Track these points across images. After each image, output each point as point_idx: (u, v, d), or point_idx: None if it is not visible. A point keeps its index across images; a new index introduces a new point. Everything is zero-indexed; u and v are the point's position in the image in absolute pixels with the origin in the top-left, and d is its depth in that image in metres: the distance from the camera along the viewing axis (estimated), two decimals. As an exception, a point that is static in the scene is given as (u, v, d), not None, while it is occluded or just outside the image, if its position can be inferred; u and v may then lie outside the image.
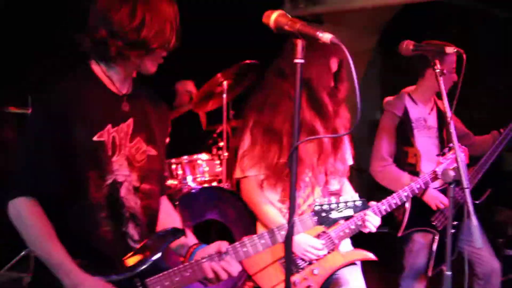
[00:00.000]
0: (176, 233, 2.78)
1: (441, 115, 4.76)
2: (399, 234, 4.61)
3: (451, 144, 3.17)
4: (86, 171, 2.58)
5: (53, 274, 2.52)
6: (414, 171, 4.58)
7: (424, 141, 4.68)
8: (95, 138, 2.59)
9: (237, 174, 3.61)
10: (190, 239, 2.93)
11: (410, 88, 4.85)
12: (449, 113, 3.17)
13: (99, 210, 2.62)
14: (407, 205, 4.54)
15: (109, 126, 2.64)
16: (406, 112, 4.68)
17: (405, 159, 4.68)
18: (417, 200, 4.53)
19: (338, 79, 3.58)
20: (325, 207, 2.81)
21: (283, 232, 2.81)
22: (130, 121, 2.71)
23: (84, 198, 2.59)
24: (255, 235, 2.81)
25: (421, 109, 4.74)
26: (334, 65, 3.52)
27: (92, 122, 2.59)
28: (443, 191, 4.48)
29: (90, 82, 2.65)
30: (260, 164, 3.51)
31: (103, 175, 2.61)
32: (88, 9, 2.59)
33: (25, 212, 2.53)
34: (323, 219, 2.83)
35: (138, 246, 2.72)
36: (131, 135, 2.72)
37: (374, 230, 3.52)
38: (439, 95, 4.21)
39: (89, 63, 2.67)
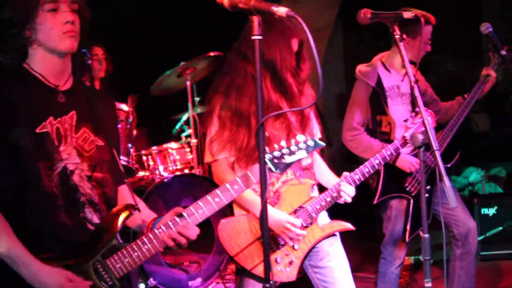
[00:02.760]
0: (129, 209, 2.79)
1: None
2: (375, 202, 4.65)
3: (417, 109, 3.18)
4: (35, 162, 2.62)
5: (15, 273, 2.54)
6: (388, 140, 4.60)
7: (398, 109, 4.70)
8: (38, 130, 2.64)
9: (207, 158, 3.60)
10: (149, 215, 2.97)
11: (383, 54, 4.86)
12: (412, 78, 3.17)
13: (55, 198, 2.66)
14: (381, 172, 4.58)
15: (51, 118, 2.69)
16: (379, 82, 4.68)
17: (379, 128, 4.70)
18: (390, 167, 4.56)
19: (300, 58, 3.57)
20: (276, 153, 2.81)
21: (236, 187, 2.82)
22: (73, 113, 2.77)
23: (38, 189, 2.63)
24: (208, 195, 2.82)
25: (394, 76, 4.75)
26: (295, 45, 3.51)
27: (32, 116, 2.65)
28: (416, 155, 4.51)
29: (25, 80, 2.71)
30: (230, 147, 3.50)
31: (51, 164, 2.66)
32: None
33: None
34: (277, 165, 2.82)
35: (94, 228, 2.75)
36: (76, 126, 2.77)
37: (349, 200, 3.55)
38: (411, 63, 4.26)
39: (22, 64, 2.74)
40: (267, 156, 2.81)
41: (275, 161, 2.82)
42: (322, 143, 2.92)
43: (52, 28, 2.65)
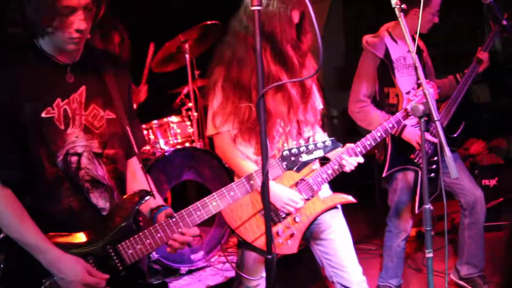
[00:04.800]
0: (144, 195, 2.78)
1: (419, 52, 4.75)
2: (384, 175, 4.65)
3: (419, 81, 3.15)
4: (38, 149, 2.58)
5: (25, 255, 2.54)
6: (395, 112, 4.54)
7: (405, 80, 4.66)
8: (43, 115, 2.59)
9: (210, 131, 3.59)
10: (157, 201, 2.95)
11: (389, 25, 4.81)
12: (413, 48, 3.14)
13: (60, 183, 2.64)
14: (389, 145, 4.57)
15: (58, 100, 2.64)
16: (387, 53, 4.65)
17: (386, 100, 4.67)
18: (397, 140, 4.55)
19: (301, 31, 3.55)
20: (294, 151, 2.80)
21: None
22: (82, 89, 2.71)
23: (43, 175, 2.60)
24: (224, 189, 2.83)
25: (401, 47, 4.70)
26: (295, 17, 3.48)
27: (39, 98, 2.60)
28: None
29: (35, 57, 2.63)
30: (233, 119, 3.49)
31: (54, 151, 2.62)
32: None
33: None
34: (293, 163, 2.82)
35: (106, 212, 2.74)
36: (85, 103, 2.71)
37: (352, 168, 3.55)
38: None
39: (32, 40, 2.65)
40: (285, 152, 2.82)
41: (292, 158, 2.82)
42: (340, 144, 2.92)
43: (62, 31, 2.54)
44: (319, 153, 2.81)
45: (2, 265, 2.59)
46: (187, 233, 2.76)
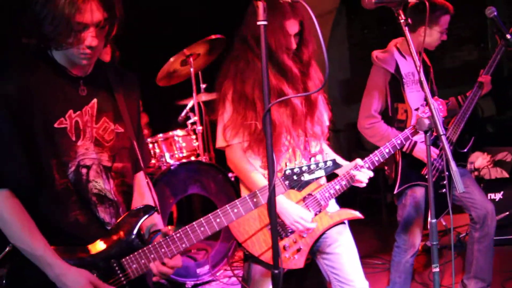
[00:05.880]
0: (148, 210, 2.78)
1: (426, 68, 4.75)
2: (395, 191, 4.63)
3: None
4: (50, 159, 2.58)
5: (30, 267, 2.54)
6: (404, 128, 4.51)
7: (414, 96, 4.64)
8: (56, 125, 2.60)
9: (220, 143, 3.58)
10: (157, 223, 2.93)
11: (397, 40, 4.81)
12: (418, 63, 3.15)
13: (68, 195, 2.63)
14: (399, 162, 4.57)
15: (71, 111, 2.64)
16: (397, 68, 4.62)
17: (395, 115, 4.66)
18: (407, 156, 4.55)
19: (302, 41, 3.56)
20: (296, 170, 2.84)
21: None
22: (94, 102, 2.72)
23: (51, 185, 2.60)
24: (228, 205, 2.83)
25: (409, 63, 4.68)
26: (293, 27, 3.49)
27: (52, 108, 2.60)
28: (434, 144, 4.49)
29: (48, 68, 2.63)
30: (243, 132, 3.50)
31: (66, 162, 2.62)
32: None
33: (2, 206, 2.53)
34: (295, 182, 2.87)
35: (111, 226, 2.73)
36: (96, 116, 2.72)
37: (364, 182, 3.53)
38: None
39: (47, 50, 2.64)
40: (287, 171, 2.85)
41: (294, 177, 2.85)
42: (341, 164, 2.95)
43: (75, 46, 2.55)
44: (321, 173, 2.86)
45: (4, 281, 2.60)
46: (168, 263, 2.74)
